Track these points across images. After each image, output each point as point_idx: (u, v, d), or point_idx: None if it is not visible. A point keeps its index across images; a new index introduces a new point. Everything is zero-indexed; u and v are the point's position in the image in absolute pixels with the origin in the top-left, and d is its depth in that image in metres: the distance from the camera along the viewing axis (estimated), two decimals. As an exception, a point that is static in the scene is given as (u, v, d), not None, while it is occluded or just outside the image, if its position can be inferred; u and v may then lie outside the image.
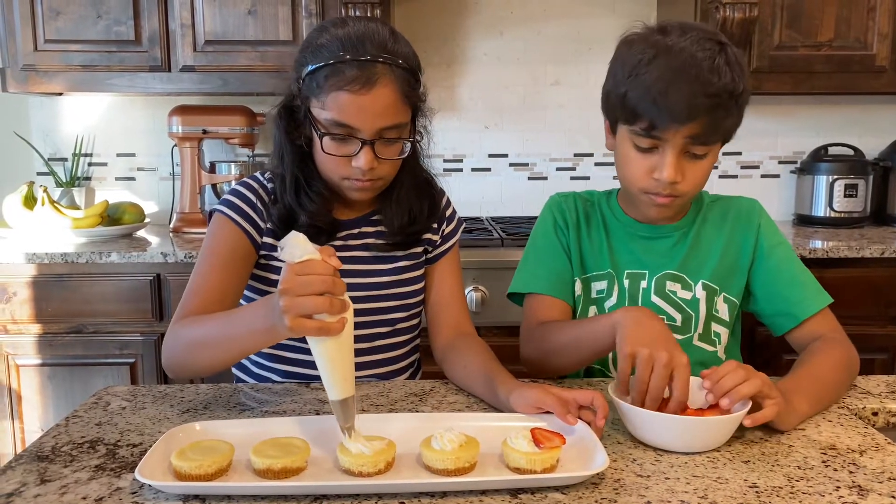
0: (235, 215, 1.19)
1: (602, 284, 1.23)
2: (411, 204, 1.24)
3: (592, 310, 1.24)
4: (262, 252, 1.20)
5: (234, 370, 1.30)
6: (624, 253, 1.23)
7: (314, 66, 1.09)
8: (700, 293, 1.19)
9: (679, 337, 1.17)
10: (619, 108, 1.10)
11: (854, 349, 1.13)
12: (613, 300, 1.22)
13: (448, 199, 1.35)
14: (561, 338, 1.14)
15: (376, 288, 1.23)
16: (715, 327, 1.21)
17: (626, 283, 1.21)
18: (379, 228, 1.25)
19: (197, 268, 1.17)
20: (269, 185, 1.22)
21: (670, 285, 1.20)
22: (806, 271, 1.21)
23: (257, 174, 1.25)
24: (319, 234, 1.19)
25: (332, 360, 0.86)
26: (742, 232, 1.22)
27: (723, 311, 1.21)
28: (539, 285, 1.24)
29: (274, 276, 1.20)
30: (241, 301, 1.22)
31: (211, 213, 1.21)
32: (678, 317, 1.19)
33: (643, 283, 1.21)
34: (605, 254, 1.24)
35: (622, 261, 1.23)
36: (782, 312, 1.19)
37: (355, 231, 1.24)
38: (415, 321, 1.31)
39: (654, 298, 1.20)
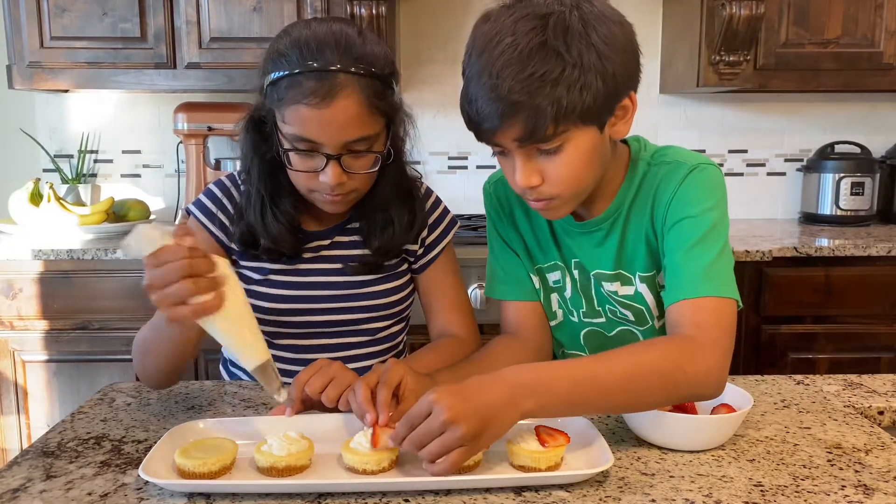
0: (205, 219, 1.17)
1: (556, 275, 1.15)
2: (391, 214, 1.17)
3: (554, 298, 1.17)
4: (232, 257, 1.18)
5: (232, 369, 1.28)
6: (566, 245, 1.14)
7: (274, 77, 1.03)
8: (640, 286, 1.10)
9: (640, 328, 1.12)
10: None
11: (707, 357, 0.88)
12: (569, 292, 1.14)
13: (436, 200, 1.27)
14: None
15: (351, 300, 1.19)
16: None
17: (576, 273, 1.13)
18: (353, 238, 1.20)
19: None
20: (243, 188, 1.17)
21: (608, 286, 1.10)
22: (707, 254, 0.96)
23: (234, 173, 1.21)
24: (280, 257, 1.16)
25: (228, 334, 0.84)
26: (660, 204, 1.03)
27: None
28: (500, 290, 1.18)
29: (243, 285, 1.16)
30: None
31: (188, 212, 1.19)
32: (629, 312, 1.12)
33: (591, 277, 1.13)
34: (552, 244, 1.13)
35: (567, 252, 1.13)
36: (666, 288, 1.01)
37: (326, 242, 1.19)
38: (397, 328, 1.26)
39: (602, 293, 1.12)
